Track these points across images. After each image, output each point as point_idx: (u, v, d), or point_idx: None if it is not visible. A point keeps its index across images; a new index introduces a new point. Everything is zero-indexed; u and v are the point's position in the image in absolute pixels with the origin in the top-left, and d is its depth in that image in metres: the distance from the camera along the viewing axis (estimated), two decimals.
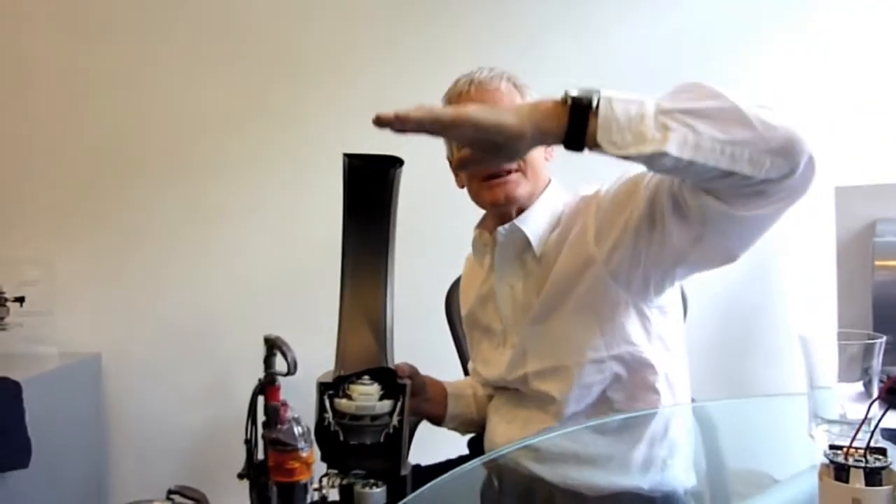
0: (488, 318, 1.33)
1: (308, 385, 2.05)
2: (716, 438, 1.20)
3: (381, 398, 1.10)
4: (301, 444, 1.94)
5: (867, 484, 0.62)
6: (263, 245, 2.27)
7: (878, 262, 1.74)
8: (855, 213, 1.87)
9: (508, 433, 1.23)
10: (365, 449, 1.09)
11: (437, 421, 1.39)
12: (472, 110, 0.86)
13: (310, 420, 1.97)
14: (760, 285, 2.13)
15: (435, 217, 2.13)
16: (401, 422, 1.10)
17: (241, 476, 1.99)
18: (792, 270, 2.13)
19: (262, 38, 2.28)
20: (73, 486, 2.09)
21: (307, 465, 1.96)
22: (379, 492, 1.07)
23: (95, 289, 2.28)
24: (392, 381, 1.12)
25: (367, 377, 1.11)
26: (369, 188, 1.12)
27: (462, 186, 1.28)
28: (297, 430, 1.96)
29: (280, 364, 1.97)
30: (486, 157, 0.92)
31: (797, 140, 0.87)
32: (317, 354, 1.89)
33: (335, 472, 1.12)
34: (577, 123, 0.84)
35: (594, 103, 0.83)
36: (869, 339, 0.85)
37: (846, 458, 0.64)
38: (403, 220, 1.16)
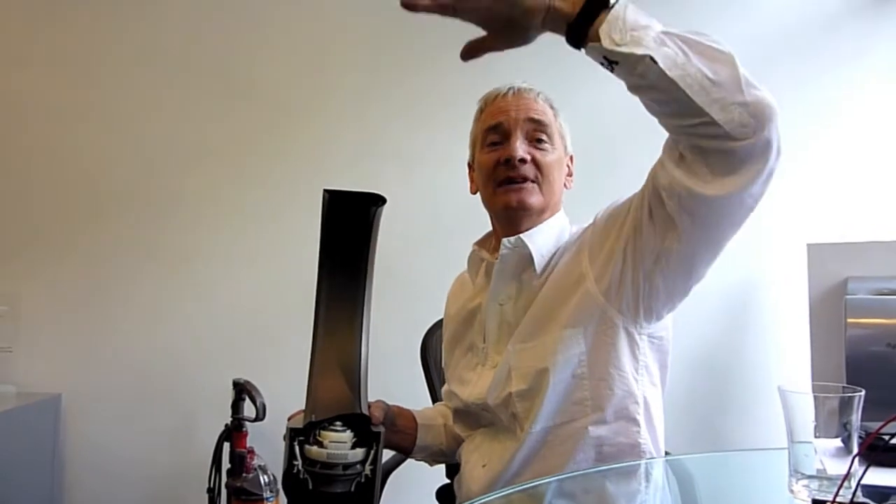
0: (472, 336, 1.30)
1: (276, 431, 2.00)
2: (693, 494, 1.18)
3: (354, 446, 1.06)
4: (267, 494, 1.90)
5: None
6: (232, 286, 2.24)
7: (850, 320, 1.76)
8: (827, 270, 1.90)
9: (485, 477, 1.19)
10: (335, 498, 1.05)
11: (406, 452, 1.36)
12: None
13: (276, 468, 1.92)
14: (734, 341, 2.13)
15: (412, 259, 2.12)
16: (373, 471, 1.06)
17: None
18: (765, 326, 2.14)
19: (234, 76, 2.29)
20: None
21: None
22: None
23: (59, 327, 2.22)
24: (366, 427, 1.09)
25: (339, 423, 1.07)
26: (348, 226, 1.10)
27: (475, 192, 1.30)
28: (263, 478, 1.92)
29: (248, 409, 1.94)
30: (497, 38, 0.93)
31: (769, 105, 0.92)
32: (286, 399, 1.86)
33: None
34: (588, 13, 0.89)
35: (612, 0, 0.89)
36: (848, 393, 0.84)
37: None
38: (379, 261, 1.14)
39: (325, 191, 1.09)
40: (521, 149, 1.19)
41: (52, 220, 2.27)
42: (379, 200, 1.09)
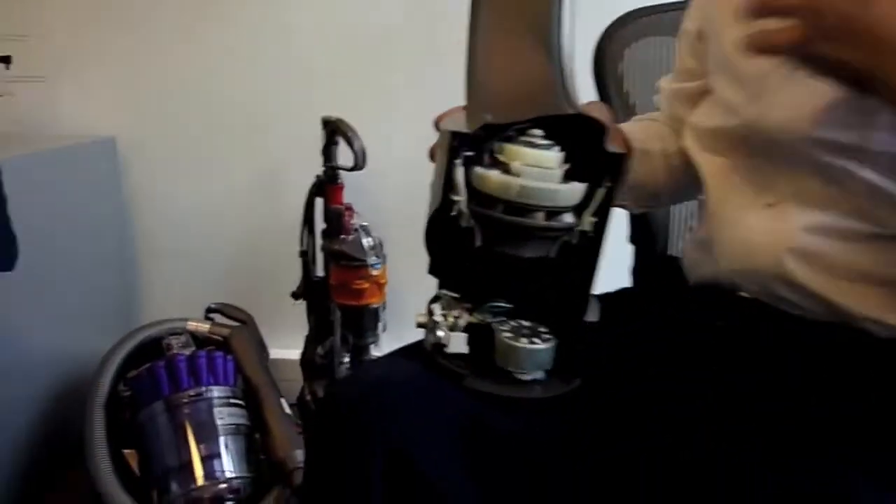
0: None
1: (377, 184, 1.63)
2: None
3: (567, 176, 0.59)
4: (371, 259, 1.56)
5: None
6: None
7: None
8: None
9: (772, 223, 0.72)
10: (522, 265, 0.60)
11: None
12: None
13: (379, 228, 1.58)
14: None
15: None
16: (598, 226, 0.60)
17: (294, 295, 1.70)
18: None
19: None
20: (102, 298, 1.82)
21: (379, 285, 1.59)
22: (545, 348, 0.60)
23: (106, 55, 1.81)
24: (585, 142, 0.59)
25: (538, 131, 0.59)
26: None
27: None
28: (367, 241, 1.58)
29: (344, 156, 1.57)
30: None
31: None
32: (390, 144, 1.54)
33: (457, 296, 0.64)
34: None
35: None
36: None
37: None
38: None
39: None
40: None
41: None
42: None
